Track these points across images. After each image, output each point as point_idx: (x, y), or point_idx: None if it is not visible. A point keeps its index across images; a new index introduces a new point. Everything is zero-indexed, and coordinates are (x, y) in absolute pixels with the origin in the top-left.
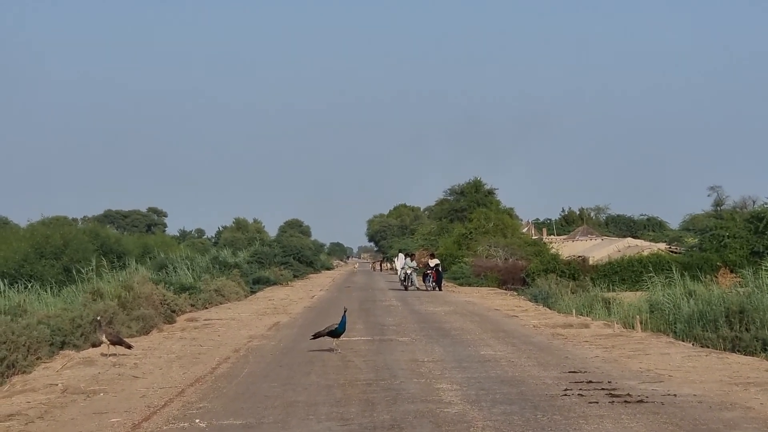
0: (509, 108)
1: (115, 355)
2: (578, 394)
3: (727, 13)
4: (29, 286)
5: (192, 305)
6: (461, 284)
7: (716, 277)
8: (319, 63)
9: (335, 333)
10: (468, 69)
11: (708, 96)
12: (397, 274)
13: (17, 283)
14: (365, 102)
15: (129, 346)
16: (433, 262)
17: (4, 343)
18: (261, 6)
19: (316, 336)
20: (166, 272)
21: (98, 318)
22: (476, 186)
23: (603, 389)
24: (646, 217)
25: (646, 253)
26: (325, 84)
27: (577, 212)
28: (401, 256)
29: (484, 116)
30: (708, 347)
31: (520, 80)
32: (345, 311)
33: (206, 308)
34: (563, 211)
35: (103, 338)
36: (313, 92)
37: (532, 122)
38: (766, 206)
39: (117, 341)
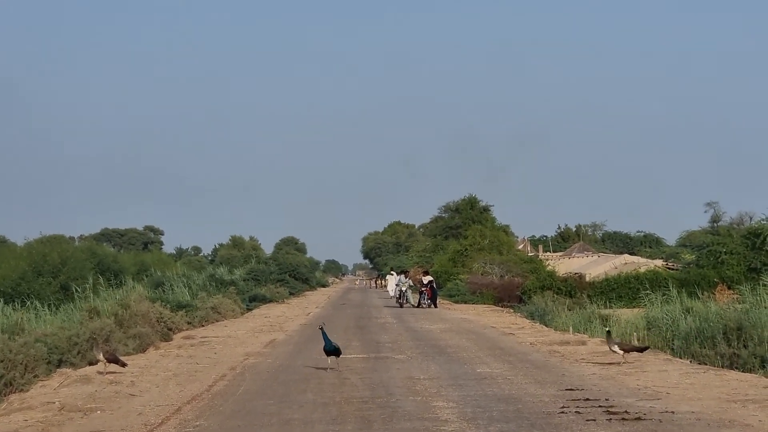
0: (504, 125)
1: (112, 372)
2: (575, 412)
3: (722, 29)
4: (27, 304)
5: (188, 323)
6: (457, 301)
7: (713, 293)
8: (313, 80)
9: (327, 352)
10: (462, 85)
11: (705, 111)
12: (388, 291)
13: (15, 301)
14: (359, 119)
15: (124, 364)
16: (426, 279)
17: (2, 361)
18: (255, 23)
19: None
20: (163, 290)
21: (94, 337)
22: (471, 203)
23: (600, 407)
24: (642, 233)
25: (642, 269)
26: (318, 101)
27: (574, 229)
28: (393, 274)
29: (479, 133)
30: (706, 364)
31: (515, 96)
32: (321, 329)
33: (203, 326)
34: (559, 227)
35: (100, 356)
36: (307, 110)
37: (528, 139)
38: (763, 222)
39: (113, 359)
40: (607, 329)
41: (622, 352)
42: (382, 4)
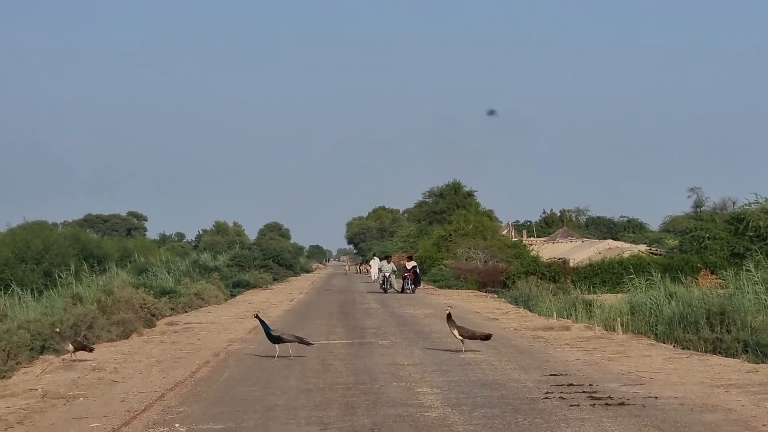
0: (486, 109)
1: (82, 360)
2: (559, 397)
3: (705, 14)
4: (10, 291)
5: (172, 309)
6: (441, 287)
7: (697, 278)
8: (296, 68)
9: (271, 340)
10: (442, 69)
11: (687, 97)
12: (371, 276)
13: None
14: (341, 105)
15: (91, 349)
16: (410, 265)
17: None
18: (238, 14)
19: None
20: (147, 276)
21: (57, 330)
22: (455, 188)
23: (584, 392)
24: (626, 218)
25: (626, 254)
26: (302, 88)
27: (558, 214)
28: (376, 259)
29: (461, 117)
30: (689, 349)
31: (496, 81)
32: (257, 317)
33: (186, 312)
34: (543, 212)
35: (69, 347)
36: (291, 96)
37: (510, 123)
38: (746, 207)
39: (80, 347)
40: (447, 311)
41: (461, 338)
42: None
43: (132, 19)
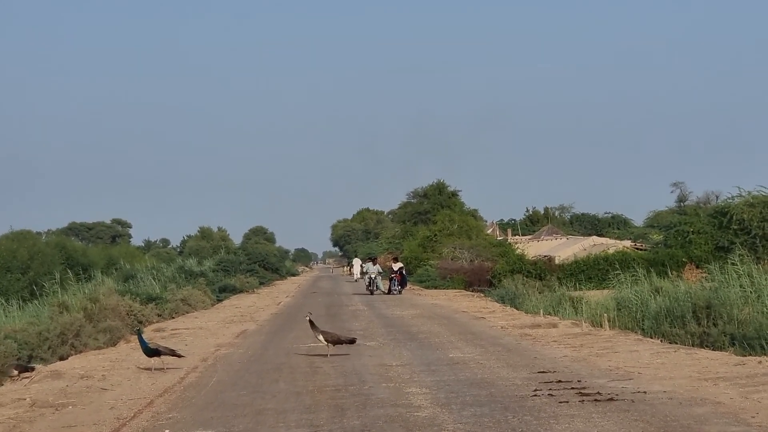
0: (464, 107)
1: (26, 377)
2: (548, 394)
3: (688, 9)
4: None
5: (159, 315)
6: (427, 287)
7: (682, 272)
8: (277, 72)
9: (147, 354)
10: (421, 68)
11: (669, 92)
12: (353, 279)
13: None
14: (322, 107)
15: (32, 369)
16: (396, 266)
17: None
18: (222, 18)
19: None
20: (132, 283)
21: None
22: (439, 188)
23: (573, 388)
24: (610, 214)
25: (611, 250)
26: (283, 92)
27: (542, 212)
28: (357, 260)
29: (440, 117)
30: (676, 343)
31: (477, 78)
32: (138, 331)
33: (173, 318)
34: (527, 210)
35: (14, 372)
36: (272, 100)
37: (490, 121)
38: (729, 201)
39: (23, 369)
40: (307, 317)
41: (326, 342)
42: None
43: (116, 24)
